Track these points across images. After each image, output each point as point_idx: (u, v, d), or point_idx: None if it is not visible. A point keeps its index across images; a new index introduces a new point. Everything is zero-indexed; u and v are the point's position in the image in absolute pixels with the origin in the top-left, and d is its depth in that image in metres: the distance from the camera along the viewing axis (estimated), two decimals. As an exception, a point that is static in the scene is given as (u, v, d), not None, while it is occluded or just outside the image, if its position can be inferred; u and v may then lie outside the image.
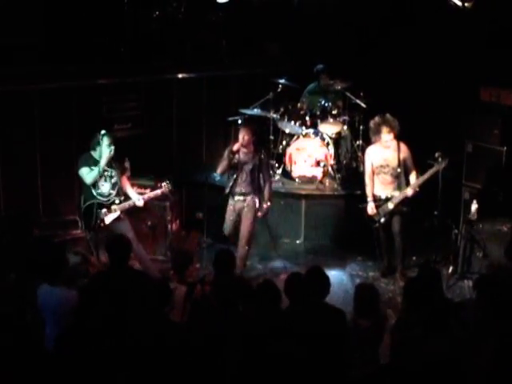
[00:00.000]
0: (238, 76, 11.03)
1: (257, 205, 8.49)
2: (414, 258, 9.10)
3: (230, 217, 8.57)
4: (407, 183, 8.40)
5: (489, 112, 9.18)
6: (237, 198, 8.46)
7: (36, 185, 9.37)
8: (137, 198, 8.19)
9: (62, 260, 6.17)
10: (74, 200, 9.41)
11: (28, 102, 9.20)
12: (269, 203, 8.57)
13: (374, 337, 5.70)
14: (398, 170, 8.35)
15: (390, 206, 8.38)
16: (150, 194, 8.33)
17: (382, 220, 8.47)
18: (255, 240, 9.09)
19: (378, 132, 8.31)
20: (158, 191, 8.31)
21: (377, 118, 8.35)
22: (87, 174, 7.94)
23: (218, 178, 10.06)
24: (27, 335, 5.61)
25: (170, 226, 9.04)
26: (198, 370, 5.15)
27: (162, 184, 8.32)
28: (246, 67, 11.02)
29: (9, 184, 9.14)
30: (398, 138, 8.34)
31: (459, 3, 8.85)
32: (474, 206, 8.77)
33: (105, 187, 8.03)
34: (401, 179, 8.41)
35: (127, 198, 8.21)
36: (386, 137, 8.24)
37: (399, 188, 8.40)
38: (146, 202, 8.30)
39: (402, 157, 8.33)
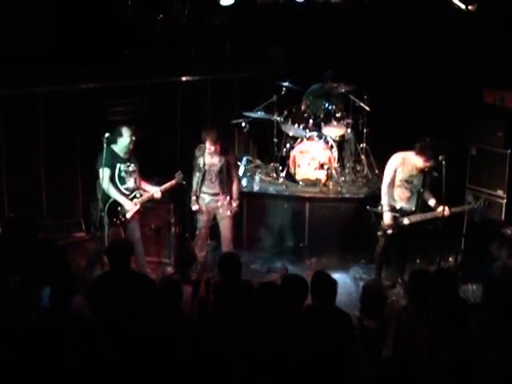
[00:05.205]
0: (241, 79, 11.04)
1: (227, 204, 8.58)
2: (418, 261, 9.09)
3: (203, 217, 8.63)
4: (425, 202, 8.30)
5: (493, 115, 9.17)
6: (208, 198, 8.55)
7: (40, 187, 9.38)
8: (154, 190, 8.28)
9: (65, 262, 6.17)
10: (78, 203, 9.44)
11: (32, 105, 9.22)
12: (237, 201, 8.66)
13: (379, 338, 5.71)
14: (421, 189, 8.22)
15: (406, 221, 8.22)
16: (165, 185, 8.39)
17: (390, 232, 8.30)
18: (259, 243, 9.11)
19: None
20: (173, 181, 8.38)
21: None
22: (107, 178, 7.99)
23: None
24: (32, 338, 5.60)
25: (173, 229, 9.05)
26: (203, 369, 5.16)
27: (175, 174, 8.39)
28: (249, 70, 11.03)
29: (13, 186, 9.15)
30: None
31: (462, 6, 8.86)
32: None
33: (130, 182, 8.16)
34: (419, 196, 8.26)
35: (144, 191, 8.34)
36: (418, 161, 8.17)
37: (415, 204, 8.25)
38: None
39: (427, 178, 8.22)
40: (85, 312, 5.98)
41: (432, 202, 8.24)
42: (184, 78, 10.62)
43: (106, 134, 8.00)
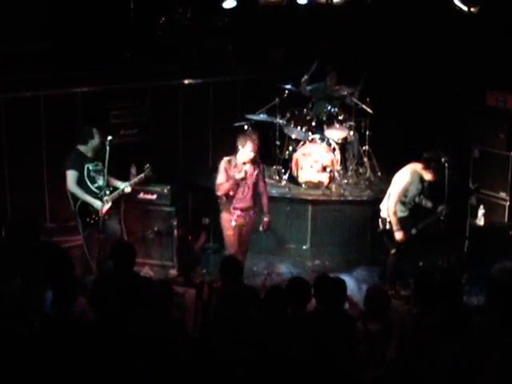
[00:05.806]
0: (243, 81, 11.04)
1: (255, 219, 8.24)
2: (421, 263, 9.06)
3: (230, 232, 8.10)
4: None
5: (495, 116, 9.17)
6: (238, 213, 8.07)
7: (42, 190, 9.39)
8: (124, 185, 8.26)
9: (68, 265, 6.17)
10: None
11: (34, 108, 9.22)
12: (269, 216, 8.26)
13: (383, 340, 5.70)
14: (421, 195, 8.28)
15: (414, 231, 8.23)
16: (134, 179, 8.40)
17: (403, 247, 8.27)
18: (261, 245, 9.10)
19: None
20: (142, 175, 8.35)
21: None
22: (73, 180, 8.00)
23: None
24: (33, 342, 5.60)
25: (176, 232, 9.04)
26: (205, 371, 5.15)
27: (144, 168, 8.36)
28: (251, 73, 11.04)
29: (15, 190, 9.16)
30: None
31: (465, 8, 8.86)
32: (481, 212, 8.78)
33: (100, 180, 8.13)
34: (419, 203, 8.30)
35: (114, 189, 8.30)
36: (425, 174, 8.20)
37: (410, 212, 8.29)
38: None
39: (424, 184, 8.27)
40: (88, 315, 5.98)
41: (430, 205, 8.26)
42: (186, 81, 10.63)
43: (109, 137, 8.01)
